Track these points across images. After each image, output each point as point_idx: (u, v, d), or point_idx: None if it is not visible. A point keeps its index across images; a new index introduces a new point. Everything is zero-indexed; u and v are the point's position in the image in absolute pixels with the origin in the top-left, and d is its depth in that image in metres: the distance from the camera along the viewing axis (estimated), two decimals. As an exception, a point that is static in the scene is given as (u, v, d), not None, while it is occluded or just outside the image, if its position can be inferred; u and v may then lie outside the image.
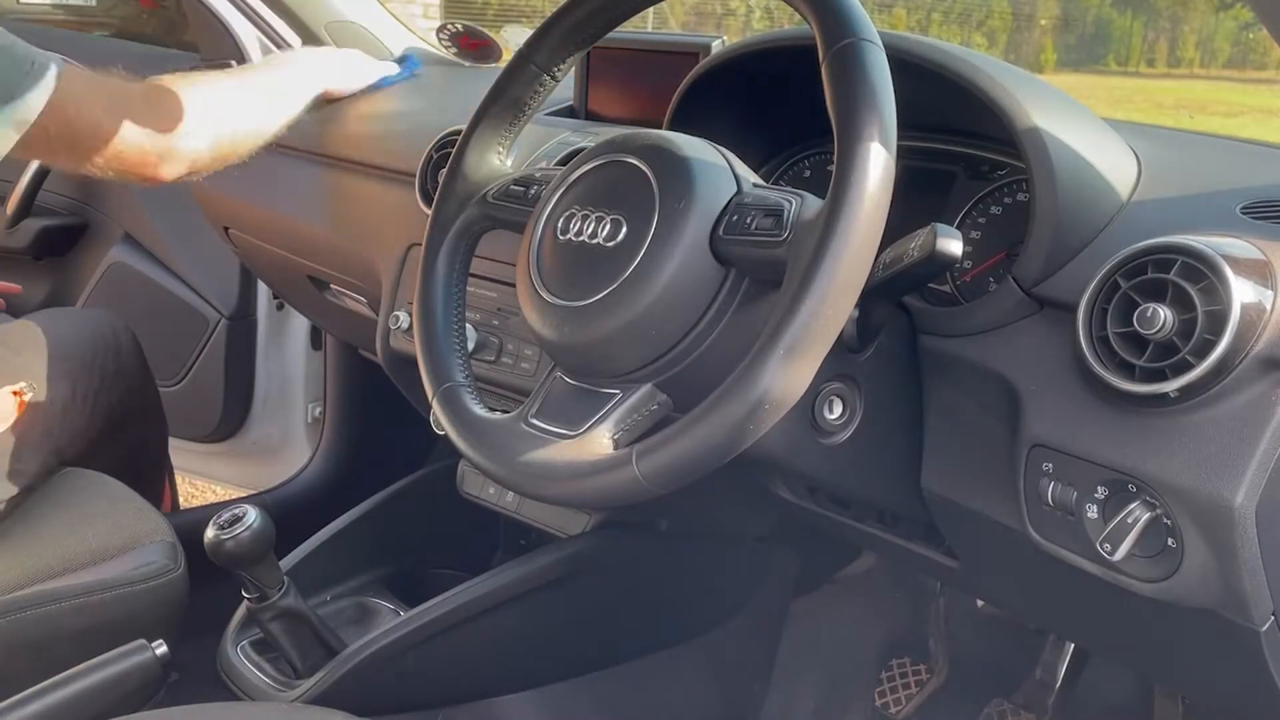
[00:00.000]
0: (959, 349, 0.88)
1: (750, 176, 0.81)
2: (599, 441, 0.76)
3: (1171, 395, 0.72)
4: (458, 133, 1.24)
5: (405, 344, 1.28)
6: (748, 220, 0.76)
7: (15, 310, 1.93)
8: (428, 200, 1.28)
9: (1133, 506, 0.75)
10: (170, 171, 1.19)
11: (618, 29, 0.93)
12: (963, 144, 1.03)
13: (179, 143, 1.18)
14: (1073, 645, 1.36)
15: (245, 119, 1.28)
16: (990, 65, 0.90)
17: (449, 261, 0.95)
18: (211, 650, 1.22)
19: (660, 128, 1.00)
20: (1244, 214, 0.81)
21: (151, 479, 1.59)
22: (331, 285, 1.58)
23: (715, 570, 1.43)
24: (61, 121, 1.06)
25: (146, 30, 2.46)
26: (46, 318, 1.44)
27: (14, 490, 1.21)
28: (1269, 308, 0.72)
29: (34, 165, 1.97)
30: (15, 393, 1.24)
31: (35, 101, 1.02)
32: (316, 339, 1.99)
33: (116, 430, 1.45)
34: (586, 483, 0.75)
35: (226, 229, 1.70)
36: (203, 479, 2.34)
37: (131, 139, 1.12)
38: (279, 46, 1.83)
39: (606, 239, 0.80)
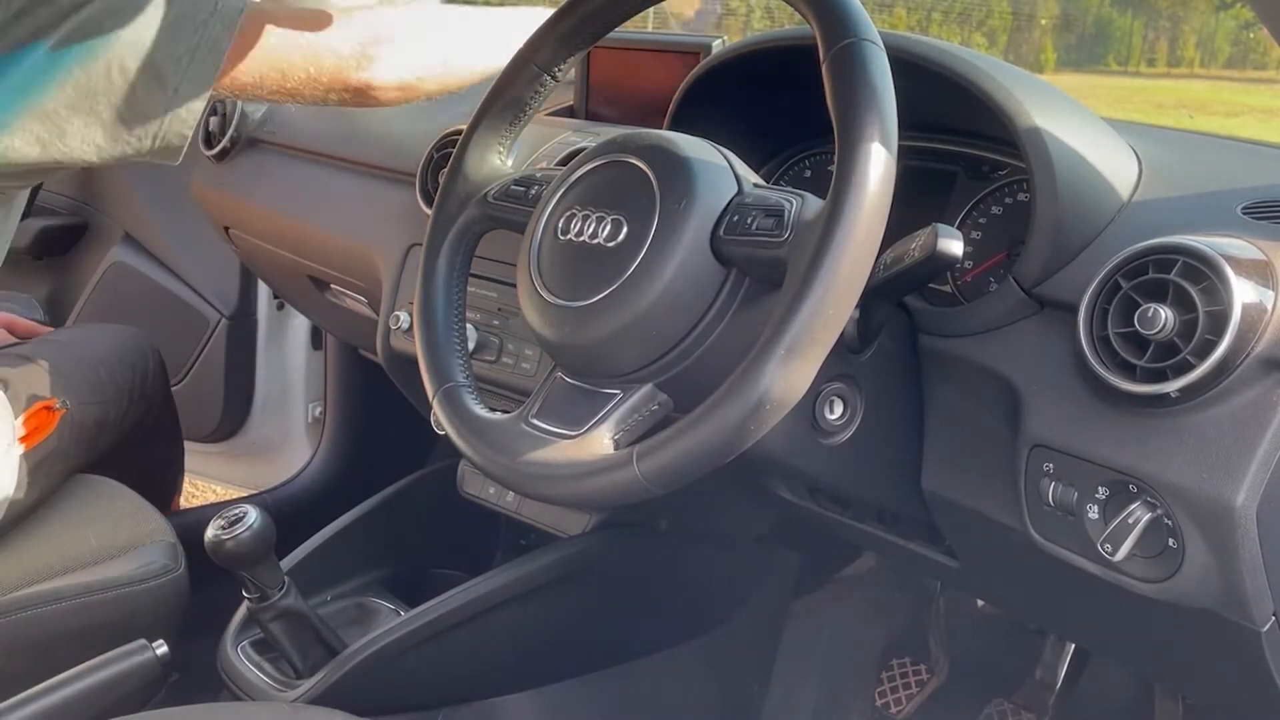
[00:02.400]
0: (960, 349, 0.88)
1: (751, 177, 0.81)
2: (600, 442, 0.76)
3: (1172, 396, 0.72)
4: (458, 133, 1.24)
5: (405, 344, 1.28)
6: (748, 220, 0.76)
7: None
8: (428, 200, 1.28)
9: (1134, 507, 0.75)
10: (384, 71, 1.06)
11: (618, 29, 0.93)
12: (963, 144, 1.03)
13: (383, 47, 1.07)
14: (1073, 645, 1.36)
15: (459, 45, 1.16)
16: (991, 65, 0.90)
17: (449, 261, 0.95)
18: (212, 650, 1.22)
19: (661, 128, 1.00)
20: (1245, 214, 0.81)
21: (166, 489, 1.59)
22: (332, 285, 1.58)
23: (715, 570, 1.43)
24: (257, 44, 0.99)
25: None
26: (82, 333, 1.44)
27: (35, 498, 1.21)
28: (1270, 308, 0.72)
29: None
30: (48, 407, 1.24)
31: (223, 38, 0.96)
32: (317, 339, 1.99)
33: (138, 446, 1.46)
34: (587, 483, 0.75)
35: (227, 229, 1.70)
36: (203, 479, 2.34)
37: (334, 42, 1.04)
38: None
39: (607, 239, 0.80)
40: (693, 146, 0.82)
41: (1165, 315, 0.72)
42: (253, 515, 1.10)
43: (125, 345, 1.47)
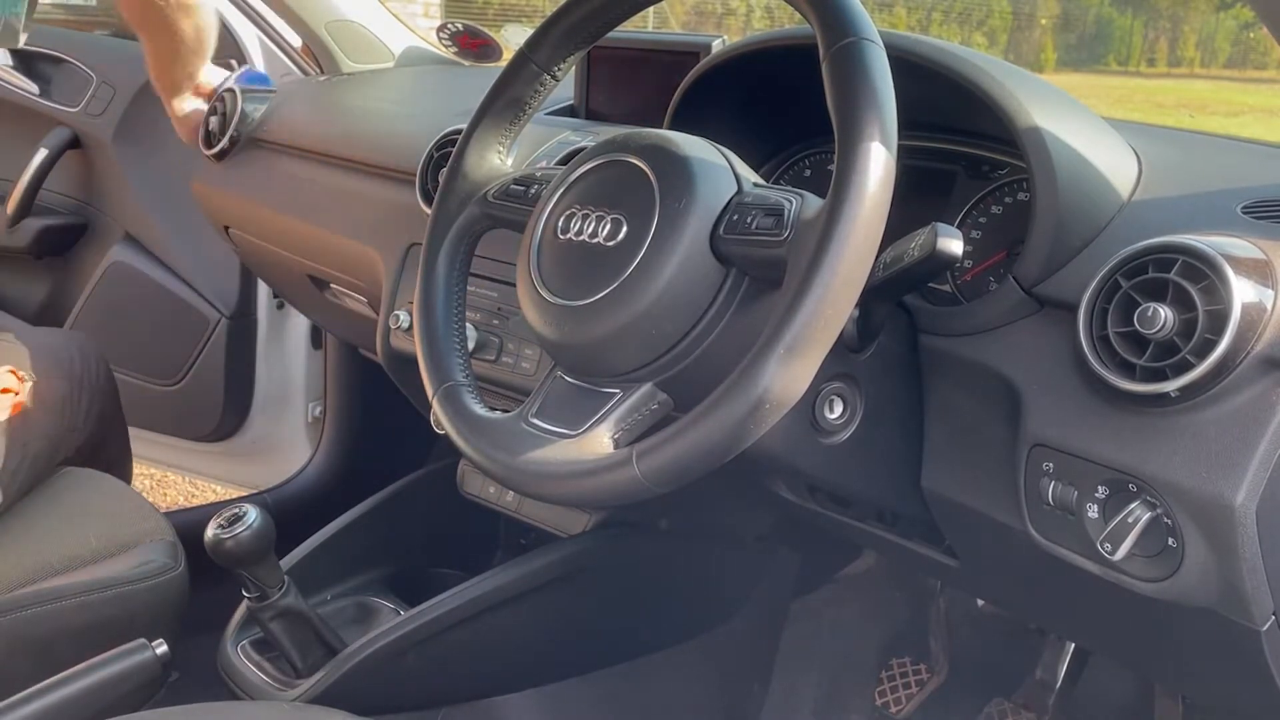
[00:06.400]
0: (960, 348, 0.88)
1: (751, 176, 0.81)
2: (599, 441, 0.76)
3: (1172, 395, 0.72)
4: (458, 132, 1.24)
5: (405, 343, 1.28)
6: (748, 220, 0.76)
7: (14, 310, 1.93)
8: (428, 200, 1.28)
9: (1133, 506, 0.75)
10: None
11: (618, 28, 0.93)
12: (963, 143, 1.03)
13: None
14: (1073, 645, 1.36)
15: None
16: (991, 65, 0.90)
17: (449, 261, 0.95)
18: (212, 649, 1.22)
19: (661, 127, 1.00)
20: (1245, 213, 0.81)
21: (123, 476, 1.60)
22: (332, 285, 1.58)
23: (715, 570, 1.43)
24: None
25: (147, 29, 2.45)
26: (29, 334, 1.46)
27: (13, 470, 1.21)
28: (1269, 307, 0.71)
29: (35, 164, 1.97)
30: (14, 372, 1.25)
31: None
32: (317, 338, 1.99)
33: (95, 434, 1.46)
34: (587, 482, 0.75)
35: (227, 228, 1.70)
36: (203, 478, 2.34)
37: None
38: (279, 46, 1.83)
39: (607, 238, 0.80)
40: (692, 146, 0.82)
41: (1165, 314, 0.72)
42: (252, 514, 1.10)
43: (64, 337, 1.50)
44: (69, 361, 1.42)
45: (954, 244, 0.75)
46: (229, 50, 1.84)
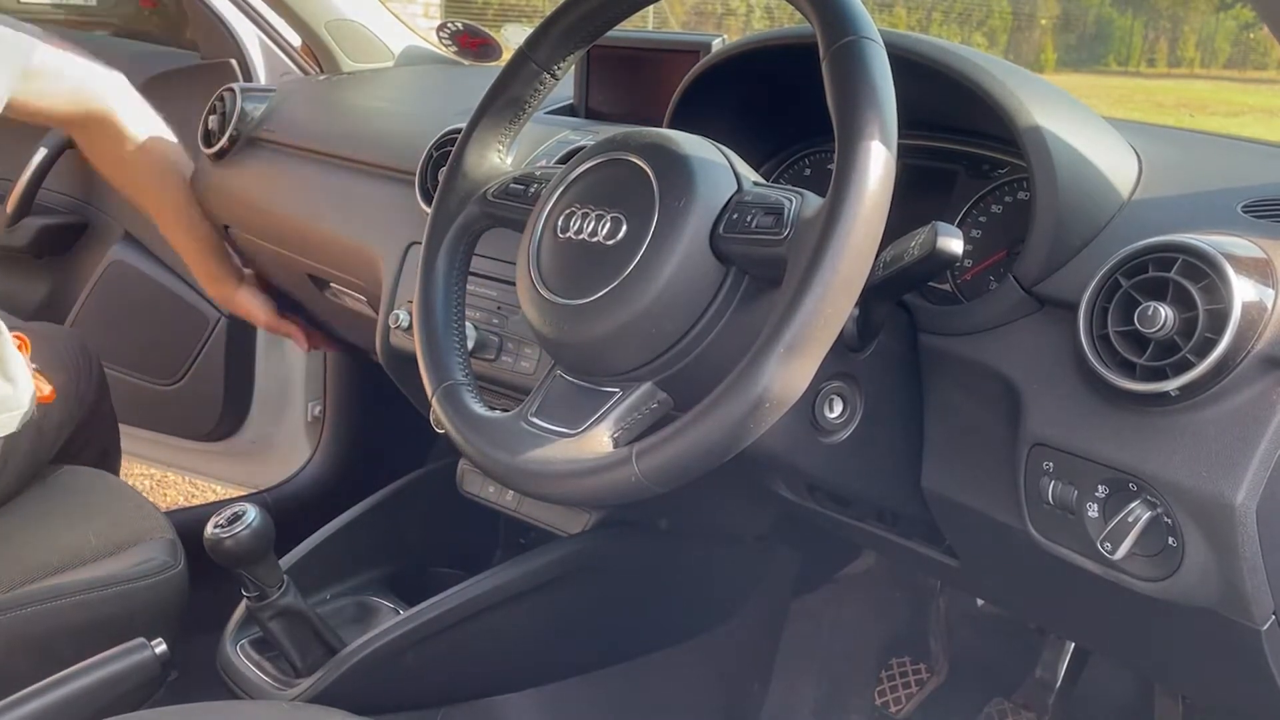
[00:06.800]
0: (959, 348, 0.88)
1: (750, 175, 0.81)
2: (599, 440, 0.76)
3: (1172, 394, 0.72)
4: (458, 131, 1.24)
5: (405, 342, 1.27)
6: (748, 218, 0.76)
7: (13, 310, 1.93)
8: (428, 199, 1.28)
9: (1133, 505, 0.75)
10: None
11: (618, 28, 0.93)
12: (964, 142, 1.03)
13: None
14: (1073, 645, 1.36)
15: None
16: (991, 64, 0.90)
17: (449, 260, 0.95)
18: (211, 649, 1.22)
19: (661, 126, 1.00)
20: (1245, 213, 0.81)
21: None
22: (332, 284, 1.58)
23: (715, 570, 1.43)
24: None
25: (147, 29, 2.46)
26: (25, 330, 1.46)
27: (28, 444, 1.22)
28: (1270, 306, 0.71)
29: (35, 164, 1.97)
30: (19, 335, 1.25)
31: None
32: (316, 338, 1.99)
33: (87, 432, 1.46)
34: (586, 481, 0.75)
35: (226, 228, 1.70)
36: (202, 478, 2.34)
37: None
38: (279, 45, 1.83)
39: (606, 237, 0.80)
40: (692, 144, 0.81)
41: (1165, 313, 0.72)
42: (252, 513, 1.09)
43: (60, 332, 1.52)
44: (66, 356, 1.42)
45: (954, 243, 0.75)
46: (229, 50, 1.84)
